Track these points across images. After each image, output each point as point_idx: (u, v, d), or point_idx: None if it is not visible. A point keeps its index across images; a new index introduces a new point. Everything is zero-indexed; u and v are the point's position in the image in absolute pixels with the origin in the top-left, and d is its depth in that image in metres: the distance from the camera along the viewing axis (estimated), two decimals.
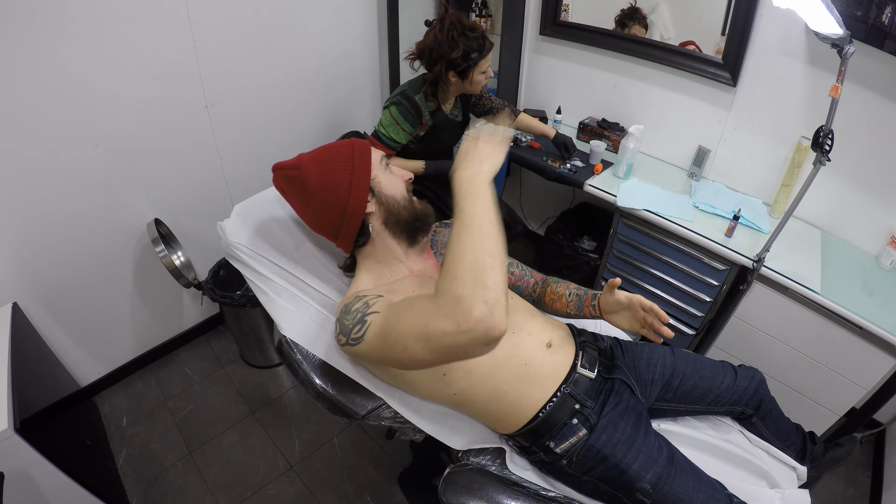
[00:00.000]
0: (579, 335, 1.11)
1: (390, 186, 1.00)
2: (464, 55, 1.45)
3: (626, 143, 1.86)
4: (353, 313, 0.84)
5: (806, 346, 1.55)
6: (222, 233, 1.11)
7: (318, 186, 0.95)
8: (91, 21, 1.36)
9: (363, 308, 0.84)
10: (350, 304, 0.87)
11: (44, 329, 1.64)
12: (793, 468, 1.13)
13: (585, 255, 2.18)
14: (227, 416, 1.83)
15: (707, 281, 1.70)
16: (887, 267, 1.58)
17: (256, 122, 1.91)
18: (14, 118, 1.33)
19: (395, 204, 1.00)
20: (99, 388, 1.90)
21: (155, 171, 1.69)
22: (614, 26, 2.00)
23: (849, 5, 1.37)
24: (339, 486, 1.63)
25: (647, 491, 0.92)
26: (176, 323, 2.07)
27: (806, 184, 1.35)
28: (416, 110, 1.55)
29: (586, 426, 0.96)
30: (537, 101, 2.42)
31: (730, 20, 1.68)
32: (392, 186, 1.00)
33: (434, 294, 0.69)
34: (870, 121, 1.52)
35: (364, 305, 0.84)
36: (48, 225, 1.51)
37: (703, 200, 1.78)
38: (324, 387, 1.00)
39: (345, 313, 0.87)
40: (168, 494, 1.58)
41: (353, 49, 2.16)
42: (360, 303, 0.86)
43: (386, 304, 0.82)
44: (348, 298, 0.90)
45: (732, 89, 1.77)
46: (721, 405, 1.13)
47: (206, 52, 1.63)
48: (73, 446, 1.63)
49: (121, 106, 1.51)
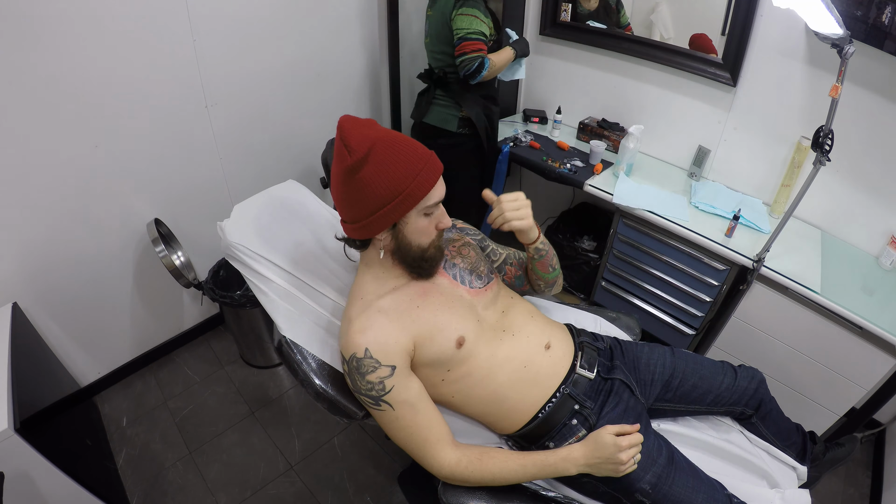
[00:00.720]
0: (578, 335, 1.11)
1: (414, 234, 0.91)
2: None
3: (626, 143, 1.86)
4: (367, 383, 0.88)
5: (806, 346, 1.55)
6: (222, 233, 1.11)
7: (364, 184, 0.84)
8: (91, 21, 1.36)
9: (378, 387, 0.88)
10: (362, 363, 0.87)
11: (44, 329, 1.64)
12: (793, 468, 1.13)
13: (585, 255, 2.18)
14: (227, 416, 1.83)
15: (707, 281, 1.70)
16: (887, 267, 1.58)
17: (256, 122, 1.91)
18: (14, 118, 1.33)
19: (410, 246, 0.92)
20: (99, 388, 1.90)
21: (155, 171, 1.69)
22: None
23: (849, 5, 1.37)
24: (339, 486, 1.63)
25: (646, 491, 0.92)
26: (176, 323, 2.07)
27: (806, 184, 1.35)
28: (488, 9, 1.64)
29: (586, 426, 0.96)
30: (537, 101, 2.42)
31: (730, 20, 1.68)
32: (415, 235, 0.91)
33: (459, 452, 0.92)
34: (870, 121, 1.52)
35: (379, 384, 0.88)
36: (48, 225, 1.51)
37: (703, 200, 1.78)
38: (324, 387, 0.99)
39: (356, 370, 0.88)
40: (168, 494, 1.58)
41: (354, 49, 2.16)
42: (374, 375, 0.87)
43: (399, 401, 0.89)
44: (362, 329, 0.89)
45: (732, 89, 1.77)
46: (721, 405, 1.13)
47: (206, 52, 1.63)
48: (73, 446, 1.62)
49: (121, 106, 1.51)
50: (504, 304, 1.06)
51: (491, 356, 0.96)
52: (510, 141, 2.12)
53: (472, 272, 1.05)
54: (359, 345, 0.88)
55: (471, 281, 1.03)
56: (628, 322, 1.38)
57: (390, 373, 0.87)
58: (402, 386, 0.89)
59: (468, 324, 0.95)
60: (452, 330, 0.93)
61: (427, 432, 0.90)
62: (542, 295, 1.25)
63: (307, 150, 2.13)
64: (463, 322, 0.95)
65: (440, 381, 0.95)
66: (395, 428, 0.90)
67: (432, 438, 0.90)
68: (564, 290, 2.34)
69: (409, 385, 0.90)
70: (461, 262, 1.05)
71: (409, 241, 0.91)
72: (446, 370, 0.94)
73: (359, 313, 0.92)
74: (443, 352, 0.92)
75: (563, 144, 2.13)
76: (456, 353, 0.93)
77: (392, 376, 0.88)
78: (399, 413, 0.89)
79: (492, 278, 1.07)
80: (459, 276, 1.03)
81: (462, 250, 1.08)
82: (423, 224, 0.90)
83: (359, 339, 0.88)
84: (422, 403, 0.91)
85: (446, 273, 1.02)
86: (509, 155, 2.06)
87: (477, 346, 0.95)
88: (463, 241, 1.10)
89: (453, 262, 1.05)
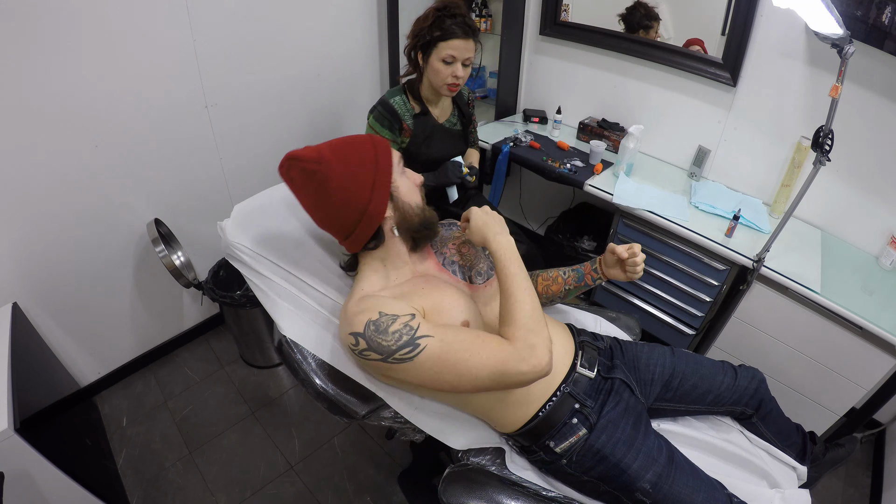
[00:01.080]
0: (578, 335, 1.11)
1: (408, 193, 0.97)
2: (430, 27, 1.34)
3: (626, 143, 1.86)
4: (394, 334, 0.81)
5: (806, 346, 1.55)
6: (222, 233, 1.11)
7: (339, 186, 0.89)
8: (91, 21, 1.36)
9: (406, 330, 0.81)
10: (379, 322, 0.82)
11: (44, 329, 1.64)
12: (793, 468, 1.13)
13: (585, 255, 2.18)
14: (227, 416, 1.83)
15: (707, 281, 1.70)
16: (887, 267, 1.58)
17: (256, 122, 1.91)
18: (14, 118, 1.33)
19: (410, 210, 0.97)
20: (99, 388, 1.90)
21: (155, 171, 1.69)
22: (623, 27, 1.97)
23: (849, 5, 1.37)
24: (339, 486, 1.63)
25: (646, 491, 0.92)
26: (176, 323, 2.07)
27: (806, 184, 1.35)
28: (393, 114, 1.46)
29: (586, 426, 0.96)
30: (537, 101, 2.42)
31: (730, 20, 1.68)
32: (409, 193, 0.98)
33: (509, 339, 0.83)
34: (870, 121, 1.52)
35: (406, 328, 0.82)
36: (48, 225, 1.51)
37: (703, 200, 1.78)
38: (324, 387, 0.99)
39: (377, 332, 0.82)
40: (168, 494, 1.58)
41: (353, 49, 2.16)
42: (396, 323, 0.82)
43: (434, 329, 0.83)
44: (365, 308, 0.85)
45: (732, 89, 1.77)
46: (721, 405, 1.13)
47: (206, 52, 1.63)
48: (73, 446, 1.63)
49: (121, 106, 1.51)
50: None
51: None
52: (510, 141, 2.12)
53: (471, 268, 1.08)
54: (370, 309, 0.84)
55: (471, 276, 1.07)
56: (628, 322, 1.38)
57: (412, 317, 0.84)
58: (429, 323, 0.85)
59: (470, 314, 0.96)
60: (459, 311, 0.93)
61: (478, 337, 0.84)
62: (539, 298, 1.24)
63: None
64: (466, 311, 0.95)
65: None
66: (451, 356, 0.81)
67: (486, 338, 0.84)
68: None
69: (434, 323, 0.86)
70: (460, 260, 1.09)
71: (408, 203, 0.97)
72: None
73: (358, 300, 0.89)
74: (452, 324, 0.91)
75: (563, 144, 2.13)
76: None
77: (415, 318, 0.84)
78: (443, 336, 0.82)
79: (492, 275, 1.08)
80: (459, 273, 1.06)
81: (462, 248, 1.11)
82: (407, 182, 0.99)
83: (367, 306, 0.85)
84: (454, 327, 0.87)
85: (446, 269, 1.05)
86: (509, 155, 2.06)
87: None
88: (462, 239, 1.12)
89: (452, 260, 1.08)
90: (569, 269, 1.16)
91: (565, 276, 1.15)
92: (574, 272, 1.14)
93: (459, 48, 1.36)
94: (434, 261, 1.08)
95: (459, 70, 1.40)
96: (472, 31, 1.37)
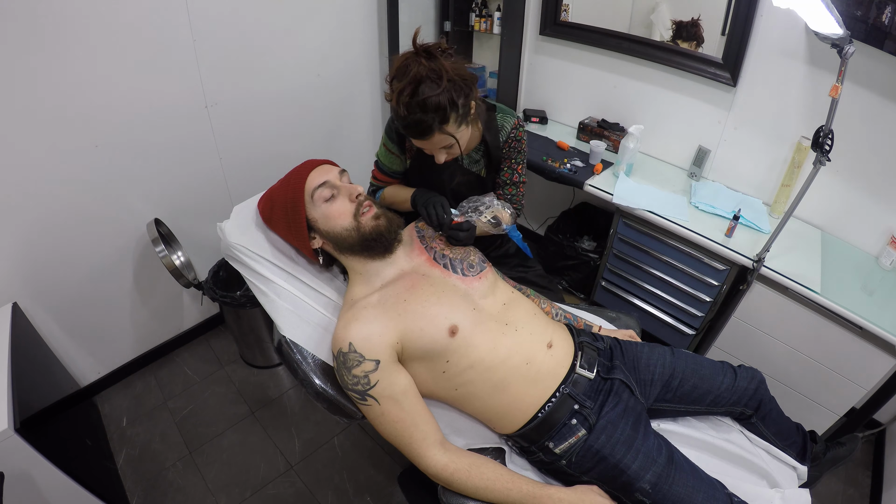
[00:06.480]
0: (578, 335, 1.11)
1: (328, 221, 1.02)
2: (393, 110, 1.03)
3: (626, 143, 1.86)
4: (353, 377, 0.90)
5: (806, 346, 1.55)
6: (222, 234, 1.11)
7: (275, 228, 1.09)
8: (91, 21, 1.36)
9: (364, 381, 0.90)
10: (348, 357, 0.90)
11: (44, 329, 1.64)
12: (793, 468, 1.13)
13: (585, 255, 2.18)
14: (227, 416, 1.83)
15: (707, 281, 1.70)
16: (887, 267, 1.58)
17: (256, 122, 1.91)
18: (14, 118, 1.33)
19: (339, 234, 1.02)
20: (99, 388, 1.90)
21: (155, 171, 1.69)
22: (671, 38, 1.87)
23: (849, 5, 1.37)
24: (339, 486, 1.63)
25: (646, 491, 0.92)
26: (176, 323, 2.07)
27: (806, 184, 1.35)
28: (399, 130, 1.25)
29: (585, 426, 0.96)
30: (537, 101, 2.42)
31: (730, 20, 1.67)
32: (329, 220, 1.02)
33: (449, 453, 0.92)
34: (870, 121, 1.52)
35: (364, 378, 0.89)
36: (48, 225, 1.51)
37: (703, 200, 1.78)
38: (323, 387, 1.00)
39: (343, 365, 0.91)
40: (168, 494, 1.58)
41: (353, 50, 2.16)
42: (359, 369, 0.89)
43: (386, 396, 0.90)
44: (348, 322, 0.93)
45: (732, 89, 1.77)
46: (721, 405, 1.13)
47: (206, 52, 1.63)
48: (73, 446, 1.63)
49: (121, 106, 1.51)
50: (505, 297, 1.08)
51: (493, 349, 0.97)
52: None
53: (462, 261, 1.09)
54: (343, 339, 0.91)
55: (463, 269, 1.07)
56: (628, 322, 1.38)
57: (374, 367, 0.89)
58: (388, 381, 0.90)
59: (462, 312, 0.97)
60: (443, 319, 0.94)
61: (413, 430, 0.91)
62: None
63: (307, 149, 2.14)
64: (455, 311, 0.96)
65: (441, 373, 0.95)
66: (381, 423, 0.92)
67: (418, 437, 0.91)
68: (564, 290, 2.34)
69: (395, 380, 0.91)
70: (451, 253, 1.09)
71: (331, 230, 1.02)
72: (445, 361, 0.94)
73: (345, 311, 0.97)
74: (435, 341, 0.93)
75: (563, 144, 2.13)
76: (450, 341, 0.93)
77: (377, 371, 0.89)
78: (384, 408, 0.90)
79: (485, 266, 1.10)
80: (451, 266, 1.07)
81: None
82: (332, 209, 1.01)
83: (343, 334, 0.92)
84: (408, 400, 0.92)
85: (437, 263, 1.06)
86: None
87: (475, 336, 0.96)
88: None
89: (443, 253, 1.09)
90: (562, 313, 1.26)
91: (556, 316, 1.24)
92: (566, 322, 1.23)
93: (424, 145, 1.08)
94: (425, 256, 1.09)
95: (441, 157, 1.10)
96: (428, 129, 1.00)
